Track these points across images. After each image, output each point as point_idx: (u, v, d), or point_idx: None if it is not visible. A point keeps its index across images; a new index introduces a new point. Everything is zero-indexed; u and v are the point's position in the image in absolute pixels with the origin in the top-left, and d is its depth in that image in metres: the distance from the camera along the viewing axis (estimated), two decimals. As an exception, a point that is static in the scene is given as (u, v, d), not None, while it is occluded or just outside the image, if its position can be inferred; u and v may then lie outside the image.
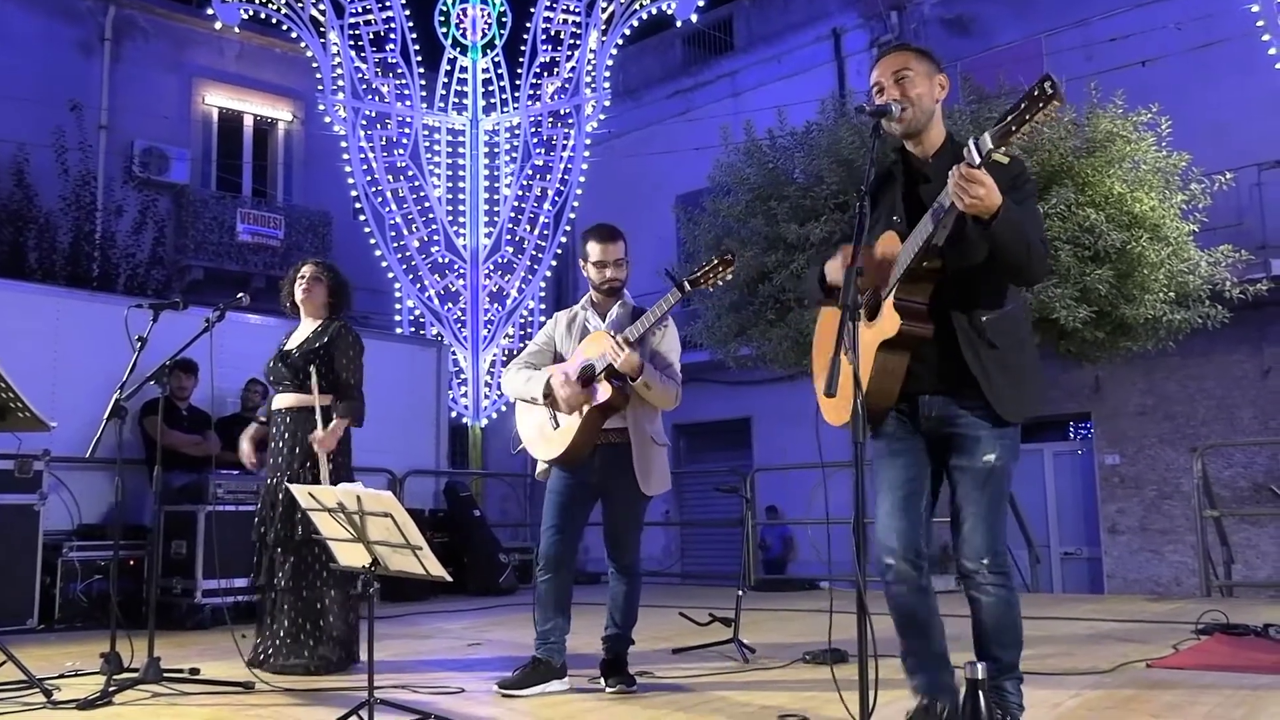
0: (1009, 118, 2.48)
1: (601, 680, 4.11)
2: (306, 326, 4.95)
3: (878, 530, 2.95)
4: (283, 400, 4.84)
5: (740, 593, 5.41)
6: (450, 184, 12.81)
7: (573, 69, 12.71)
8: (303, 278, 4.92)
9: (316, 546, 4.59)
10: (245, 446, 4.93)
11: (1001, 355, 2.80)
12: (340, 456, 4.80)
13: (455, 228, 12.68)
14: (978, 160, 2.52)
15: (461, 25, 13.10)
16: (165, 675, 4.18)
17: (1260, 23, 9.53)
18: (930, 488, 2.94)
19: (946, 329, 2.80)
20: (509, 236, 12.71)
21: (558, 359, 4.23)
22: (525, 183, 12.75)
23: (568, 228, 12.78)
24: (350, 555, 3.38)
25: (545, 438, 4.13)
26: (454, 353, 12.17)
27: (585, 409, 4.00)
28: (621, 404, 4.03)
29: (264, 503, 4.83)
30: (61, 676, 4.35)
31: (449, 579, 3.27)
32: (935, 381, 2.84)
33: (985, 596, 2.79)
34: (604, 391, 3.97)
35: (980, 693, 2.47)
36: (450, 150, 12.88)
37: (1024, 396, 2.84)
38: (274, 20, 12.20)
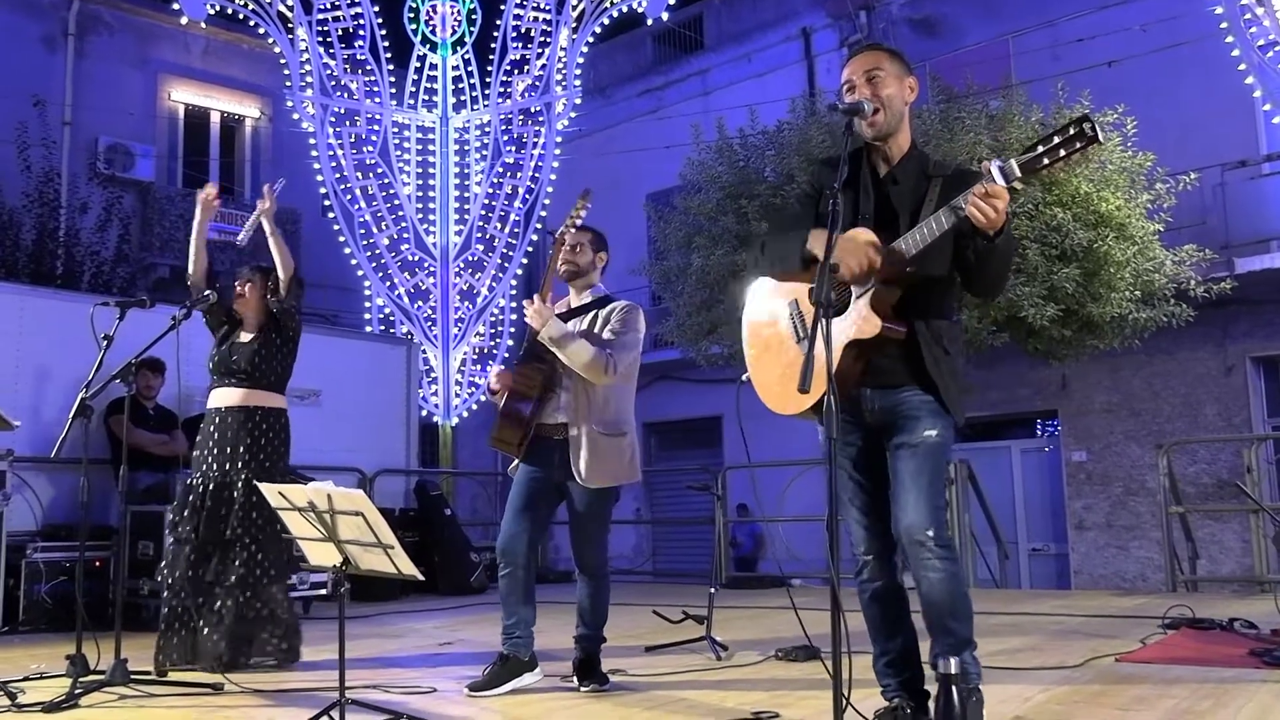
0: (1041, 150, 2.48)
1: (575, 679, 4.10)
2: (250, 326, 4.92)
3: (851, 530, 2.97)
4: (228, 396, 4.79)
5: (713, 590, 5.42)
6: (420, 181, 12.75)
7: (543, 66, 12.68)
8: (241, 286, 4.92)
9: (251, 542, 4.62)
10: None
11: (951, 361, 2.89)
12: (281, 461, 4.80)
13: (425, 225, 12.61)
14: (1001, 183, 2.54)
15: (431, 22, 13.04)
16: (132, 677, 4.13)
17: (1224, 25, 9.65)
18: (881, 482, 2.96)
19: (910, 333, 2.86)
20: (479, 234, 12.66)
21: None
22: (496, 180, 12.70)
23: (538, 225, 12.75)
24: (321, 554, 3.35)
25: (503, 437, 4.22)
26: (424, 351, 12.11)
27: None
28: (533, 385, 4.05)
29: (185, 500, 4.73)
30: (26, 679, 4.29)
31: (421, 578, 3.25)
32: (885, 377, 2.88)
33: (934, 573, 2.77)
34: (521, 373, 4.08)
35: (953, 688, 2.48)
36: (420, 147, 12.82)
37: (960, 399, 2.93)
38: (241, 16, 12.09)
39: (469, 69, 13.04)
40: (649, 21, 13.04)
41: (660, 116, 16.34)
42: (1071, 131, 2.43)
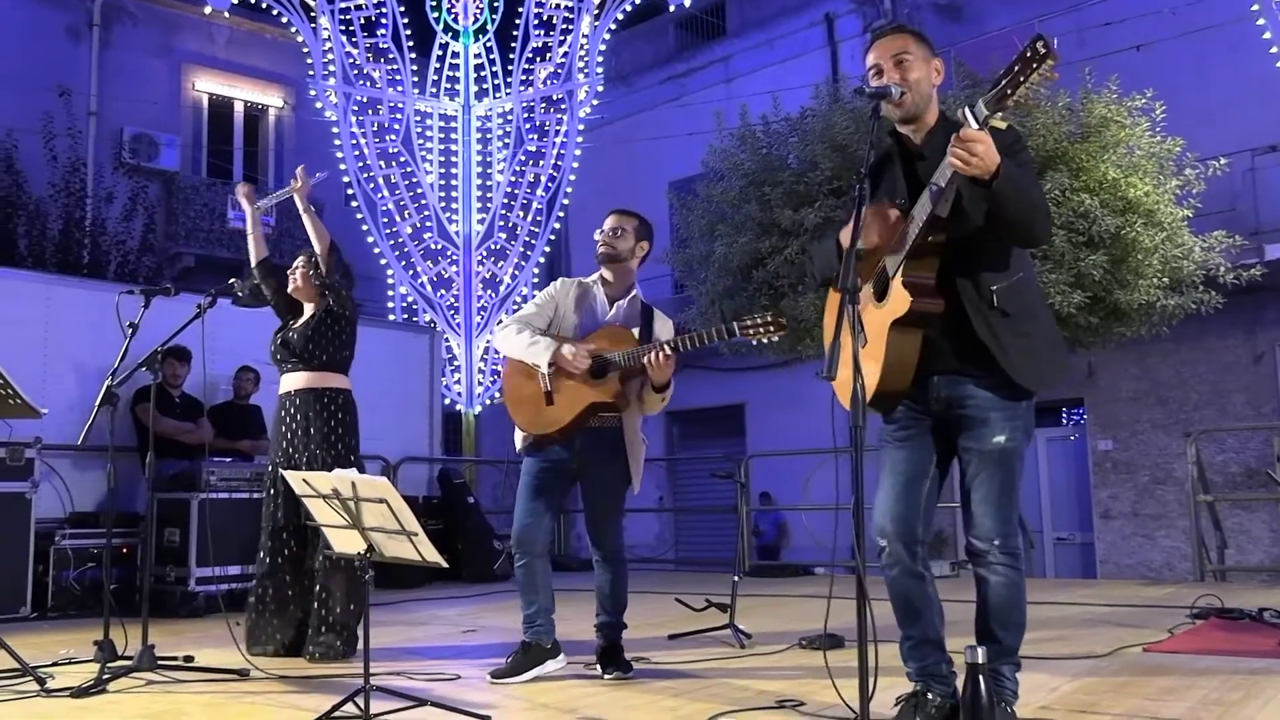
0: (1003, 81, 2.46)
1: (598, 667, 4.10)
2: (307, 311, 4.92)
3: (875, 513, 2.94)
4: (291, 381, 4.82)
5: (736, 579, 5.40)
6: (443, 170, 12.75)
7: (565, 54, 12.65)
8: (292, 273, 4.92)
9: (316, 533, 4.58)
10: None
11: (1014, 323, 2.76)
12: (352, 440, 4.82)
13: (448, 214, 12.63)
14: (975, 126, 2.51)
15: (453, 10, 13.03)
16: (159, 663, 4.16)
17: (1255, 7, 9.51)
18: (938, 472, 2.92)
19: (956, 304, 2.77)
20: (502, 223, 12.66)
21: (556, 324, 4.17)
22: (518, 168, 12.69)
23: (561, 214, 12.74)
24: (345, 542, 3.36)
25: (536, 410, 4.06)
26: (447, 339, 12.13)
27: (588, 401, 3.98)
28: (623, 406, 4.07)
29: (267, 486, 4.82)
30: (55, 665, 4.33)
31: (445, 565, 3.25)
32: (946, 359, 2.81)
33: (994, 576, 2.78)
34: (614, 389, 3.98)
35: (980, 677, 2.46)
36: (442, 136, 12.82)
37: (1040, 365, 2.81)
38: (264, 5, 12.12)
39: (491, 57, 13.03)
40: (671, 8, 12.99)
41: (683, 103, 16.29)
42: (1027, 53, 2.41)
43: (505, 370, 4.21)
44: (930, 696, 2.87)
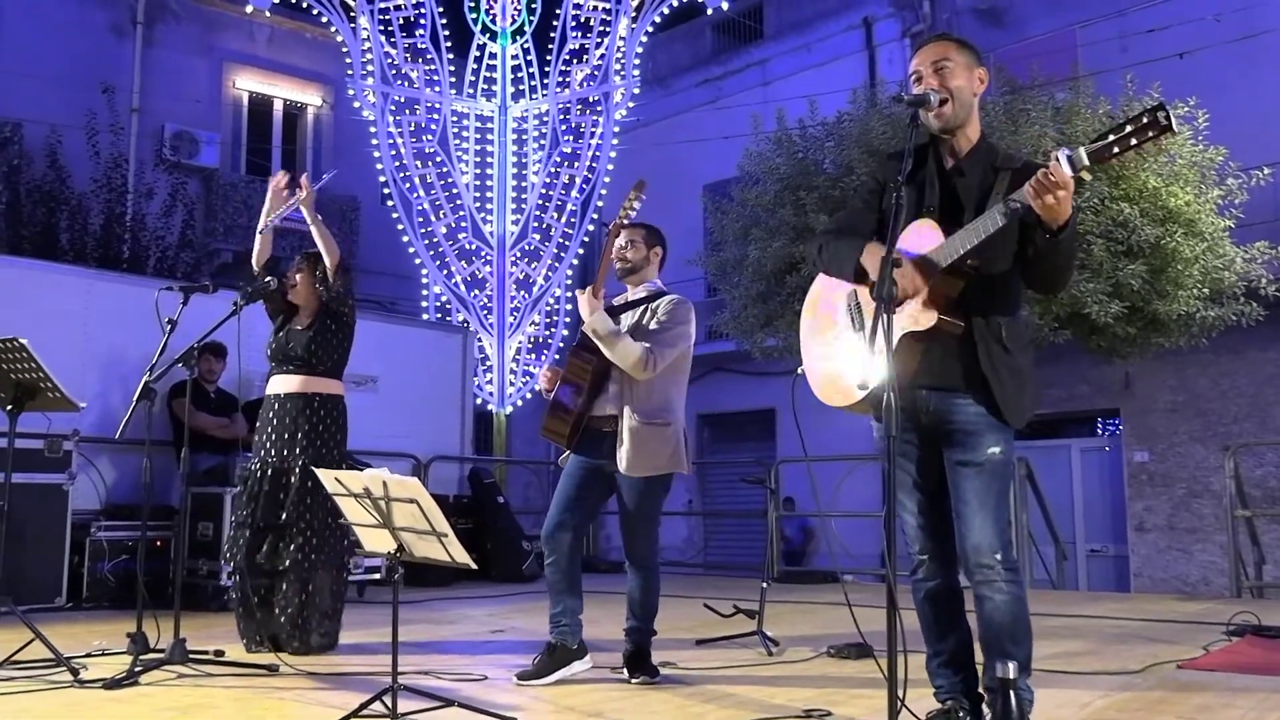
0: (1112, 139, 2.41)
1: (625, 671, 4.09)
2: (305, 314, 4.95)
3: (907, 529, 2.91)
4: (284, 383, 4.83)
5: (765, 585, 5.39)
6: (478, 170, 12.80)
7: (602, 56, 12.66)
8: (291, 275, 4.94)
9: (306, 528, 4.66)
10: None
11: (1011, 359, 2.79)
12: (336, 448, 4.82)
13: (483, 214, 12.67)
14: (1067, 171, 2.47)
15: (491, 11, 13.07)
16: (191, 656, 4.20)
17: (1302, 15, 9.38)
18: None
19: (966, 330, 2.78)
20: (536, 224, 12.69)
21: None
22: (553, 170, 12.72)
23: (595, 215, 12.75)
24: (375, 541, 3.38)
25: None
26: (480, 339, 12.17)
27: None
28: (577, 373, 4.08)
29: (245, 484, 4.82)
30: (89, 655, 4.38)
31: (474, 566, 3.26)
32: (939, 376, 2.81)
33: (999, 595, 2.73)
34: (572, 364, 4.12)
35: (1012, 692, 2.44)
36: (479, 136, 12.86)
37: (1025, 402, 2.82)
38: (304, 5, 12.21)
39: (528, 58, 13.06)
40: (709, 11, 12.96)
41: (719, 107, 16.26)
42: (1145, 120, 2.36)
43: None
44: (961, 715, 2.85)
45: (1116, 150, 2.41)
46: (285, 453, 4.74)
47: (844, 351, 2.88)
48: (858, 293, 2.90)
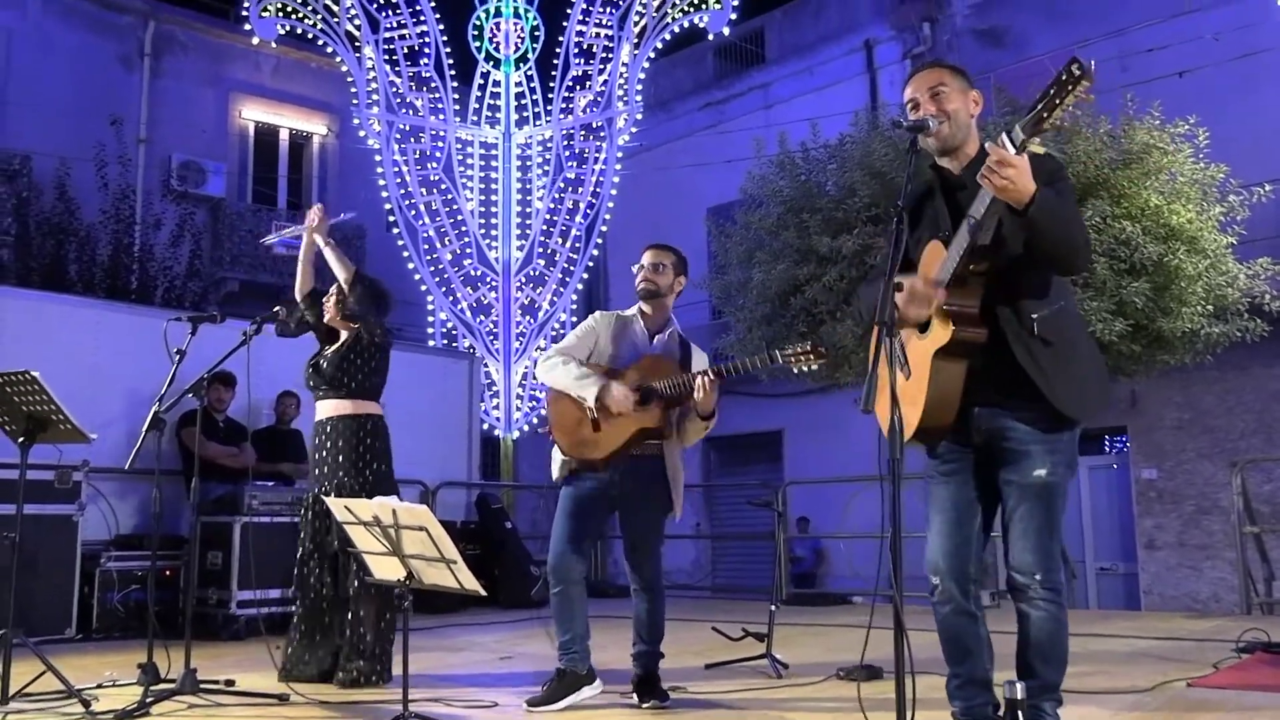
0: (1039, 105, 2.46)
1: (635, 696, 4.10)
2: (341, 338, 4.98)
3: (927, 549, 2.91)
4: (323, 409, 4.88)
5: (773, 607, 5.38)
6: (483, 197, 12.87)
7: (605, 82, 12.75)
8: (326, 301, 4.99)
9: (350, 559, 4.61)
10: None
11: (1056, 351, 2.75)
12: (381, 465, 4.84)
13: (488, 240, 12.73)
14: (1010, 149, 2.50)
15: (495, 39, 13.19)
16: (201, 686, 4.21)
17: (1300, 33, 9.43)
18: (985, 508, 2.90)
19: (997, 333, 2.75)
20: (541, 249, 12.75)
21: (596, 356, 4.22)
22: (557, 195, 12.79)
23: (599, 240, 12.81)
24: (385, 569, 3.40)
25: (581, 436, 4.10)
26: (486, 365, 12.21)
27: (634, 429, 4.01)
28: (667, 434, 4.12)
29: (303, 514, 4.88)
30: (99, 687, 4.40)
31: (483, 593, 3.28)
32: (988, 392, 2.79)
33: (1036, 611, 2.75)
34: (657, 418, 4.02)
35: (1019, 713, 2.44)
36: (483, 163, 12.95)
37: (1085, 394, 2.78)
38: (310, 35, 12.33)
39: (531, 85, 13.16)
40: (710, 36, 13.05)
41: (721, 130, 16.34)
42: (1063, 77, 2.41)
43: (550, 397, 4.24)
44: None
45: (1045, 114, 2.44)
46: (328, 478, 4.75)
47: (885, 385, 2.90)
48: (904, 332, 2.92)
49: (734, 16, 12.45)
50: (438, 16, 12.67)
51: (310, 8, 12.06)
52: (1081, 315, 7.88)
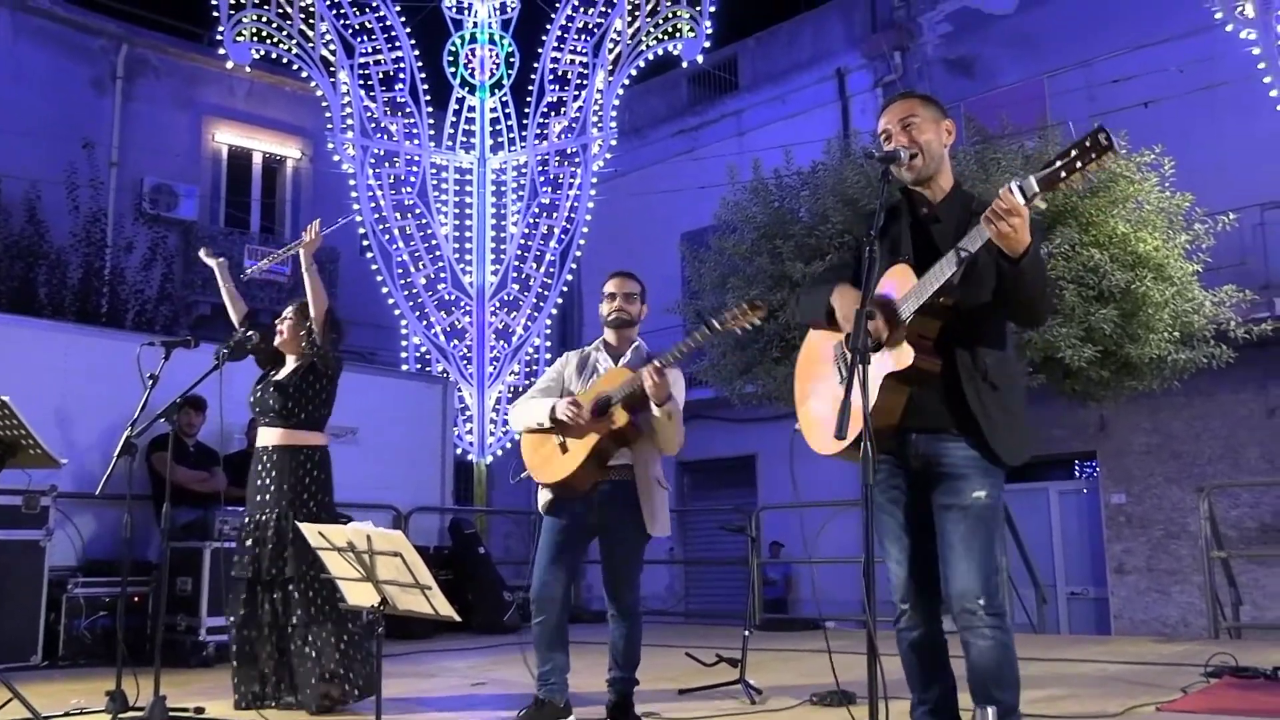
0: (1058, 164, 2.46)
1: (608, 722, 4.09)
2: (289, 364, 4.94)
3: (891, 578, 2.93)
4: (268, 436, 4.82)
5: (747, 633, 5.39)
6: (457, 222, 12.89)
7: (580, 108, 12.82)
8: (280, 323, 4.95)
9: (311, 583, 4.58)
10: None
11: (1000, 396, 2.81)
12: (325, 496, 4.80)
13: (462, 265, 12.74)
14: (1018, 199, 2.52)
15: (470, 65, 13.24)
16: (171, 714, 4.16)
17: (1262, 65, 9.60)
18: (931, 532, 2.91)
19: (950, 369, 2.79)
20: (515, 274, 12.77)
21: (564, 393, 4.24)
22: (532, 220, 12.82)
23: (574, 265, 12.84)
24: (359, 594, 3.38)
25: (550, 462, 4.12)
26: (459, 390, 12.19)
27: (596, 437, 4.01)
28: (633, 436, 4.05)
29: (246, 539, 4.75)
30: (67, 715, 4.34)
31: (458, 619, 3.27)
32: (928, 418, 2.83)
33: (983, 641, 2.73)
34: (620, 418, 4.00)
35: (990, 737, 2.46)
36: (458, 188, 12.97)
37: (1020, 439, 2.84)
38: (284, 60, 12.33)
39: (506, 111, 13.21)
40: (684, 64, 13.16)
41: (695, 157, 16.46)
42: (1087, 143, 2.42)
43: (522, 443, 4.26)
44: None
45: (1064, 175, 2.46)
46: (280, 505, 4.70)
47: (832, 401, 2.93)
48: (843, 343, 2.95)
49: (707, 44, 12.56)
50: (413, 42, 12.71)
51: (285, 33, 12.06)
52: (1020, 358, 8.00)
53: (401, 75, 12.60)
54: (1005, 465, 2.83)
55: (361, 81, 12.40)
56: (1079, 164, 2.43)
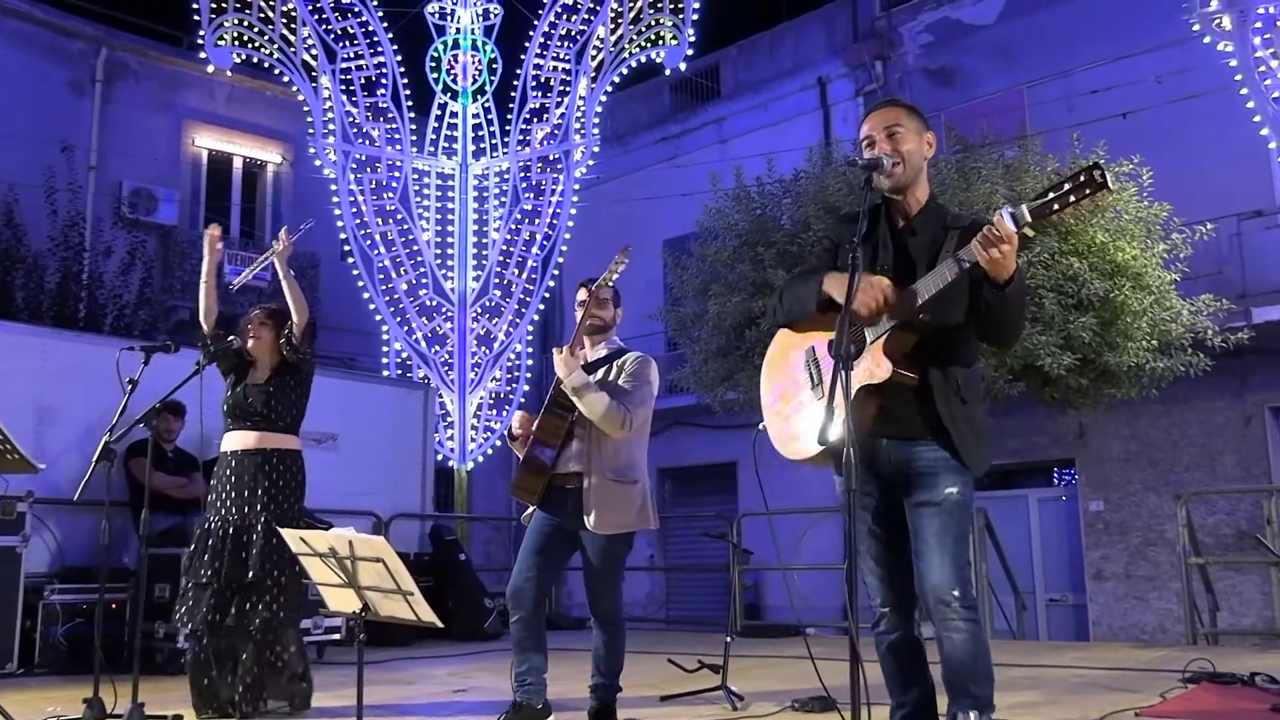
0: (1051, 196, 2.50)
1: (590, 728, 4.08)
2: (264, 369, 4.87)
3: (868, 583, 2.95)
4: (239, 439, 4.73)
5: (729, 639, 5.39)
6: (439, 227, 12.86)
7: (562, 115, 12.82)
8: (248, 326, 4.88)
9: (273, 585, 4.54)
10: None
11: (969, 410, 2.87)
12: (296, 502, 4.75)
13: (443, 271, 12.71)
14: (1010, 227, 2.56)
15: (452, 71, 13.22)
16: (148, 721, 4.13)
17: (1238, 77, 9.72)
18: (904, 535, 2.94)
19: (923, 382, 2.84)
20: (497, 280, 12.75)
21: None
22: (514, 227, 12.81)
23: (555, 272, 12.83)
24: (340, 600, 3.37)
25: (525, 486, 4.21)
26: (441, 396, 12.15)
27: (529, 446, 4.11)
28: (552, 431, 4.07)
29: (203, 543, 4.65)
30: (43, 722, 4.30)
31: (440, 625, 3.26)
32: (899, 426, 2.86)
33: (958, 634, 2.76)
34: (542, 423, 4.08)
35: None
36: (439, 194, 12.95)
37: (984, 452, 2.90)
38: (266, 64, 12.28)
39: (489, 117, 13.20)
40: (667, 71, 13.19)
41: (677, 164, 16.49)
42: (1082, 179, 2.46)
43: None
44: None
45: (1057, 207, 2.50)
46: (246, 510, 4.63)
47: (802, 407, 2.94)
48: (815, 349, 2.97)
49: (690, 52, 12.60)
50: (395, 48, 12.69)
51: (266, 37, 12.02)
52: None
53: (384, 80, 12.57)
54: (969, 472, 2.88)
55: (343, 86, 12.37)
56: (1072, 198, 2.47)
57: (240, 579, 4.56)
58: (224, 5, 11.76)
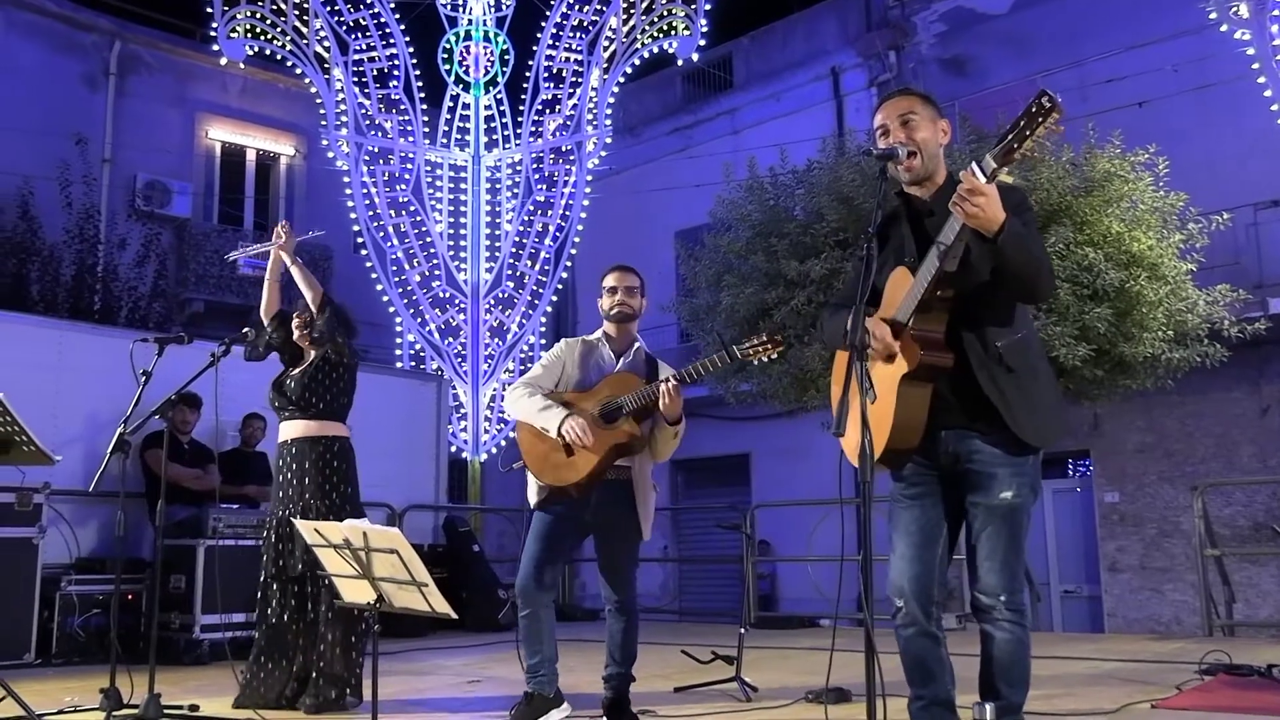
0: (1009, 135, 2.50)
1: (604, 719, 4.09)
2: (306, 358, 4.94)
3: (891, 572, 2.93)
4: (288, 430, 4.82)
5: (743, 630, 5.39)
6: (452, 219, 12.87)
7: (574, 106, 12.81)
8: (296, 315, 4.96)
9: (317, 582, 4.56)
10: None
11: (1018, 379, 2.79)
12: (348, 487, 4.79)
13: (456, 262, 12.72)
14: (980, 178, 2.54)
15: (465, 62, 13.21)
16: (165, 712, 4.15)
17: (1255, 65, 9.64)
18: (950, 530, 2.92)
19: (963, 359, 2.79)
20: (510, 271, 12.75)
21: (563, 382, 4.23)
22: (526, 218, 12.81)
23: (568, 263, 12.83)
24: (355, 592, 3.38)
25: (553, 464, 4.07)
26: (454, 387, 12.17)
27: (605, 449, 3.98)
28: (639, 447, 4.06)
29: (267, 537, 4.79)
30: (61, 713, 4.33)
31: (454, 616, 3.27)
32: (954, 414, 2.83)
33: (999, 632, 2.78)
34: (629, 429, 4.00)
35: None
36: (452, 186, 12.95)
37: (1044, 422, 2.82)
38: (279, 56, 12.30)
39: (501, 108, 13.20)
40: (679, 62, 13.16)
41: (690, 155, 16.45)
42: (1033, 109, 2.46)
43: (520, 428, 4.23)
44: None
45: (1016, 145, 2.49)
46: (296, 499, 4.68)
47: (855, 410, 2.92)
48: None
49: (702, 43, 12.55)
50: (407, 39, 12.69)
51: (279, 29, 12.03)
52: (1041, 343, 7.99)
53: (396, 72, 12.57)
54: (1033, 449, 2.83)
55: (356, 78, 12.38)
56: (1028, 131, 2.46)
57: (294, 570, 4.60)
58: (237, -2, 11.78)
